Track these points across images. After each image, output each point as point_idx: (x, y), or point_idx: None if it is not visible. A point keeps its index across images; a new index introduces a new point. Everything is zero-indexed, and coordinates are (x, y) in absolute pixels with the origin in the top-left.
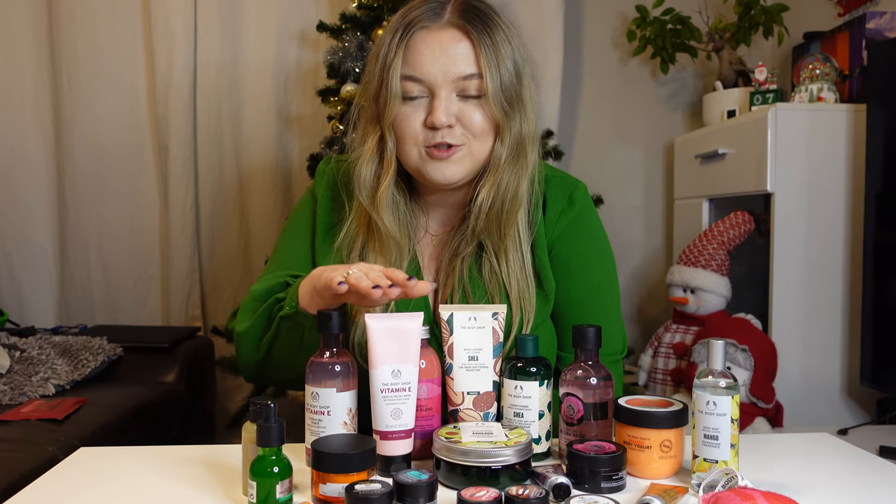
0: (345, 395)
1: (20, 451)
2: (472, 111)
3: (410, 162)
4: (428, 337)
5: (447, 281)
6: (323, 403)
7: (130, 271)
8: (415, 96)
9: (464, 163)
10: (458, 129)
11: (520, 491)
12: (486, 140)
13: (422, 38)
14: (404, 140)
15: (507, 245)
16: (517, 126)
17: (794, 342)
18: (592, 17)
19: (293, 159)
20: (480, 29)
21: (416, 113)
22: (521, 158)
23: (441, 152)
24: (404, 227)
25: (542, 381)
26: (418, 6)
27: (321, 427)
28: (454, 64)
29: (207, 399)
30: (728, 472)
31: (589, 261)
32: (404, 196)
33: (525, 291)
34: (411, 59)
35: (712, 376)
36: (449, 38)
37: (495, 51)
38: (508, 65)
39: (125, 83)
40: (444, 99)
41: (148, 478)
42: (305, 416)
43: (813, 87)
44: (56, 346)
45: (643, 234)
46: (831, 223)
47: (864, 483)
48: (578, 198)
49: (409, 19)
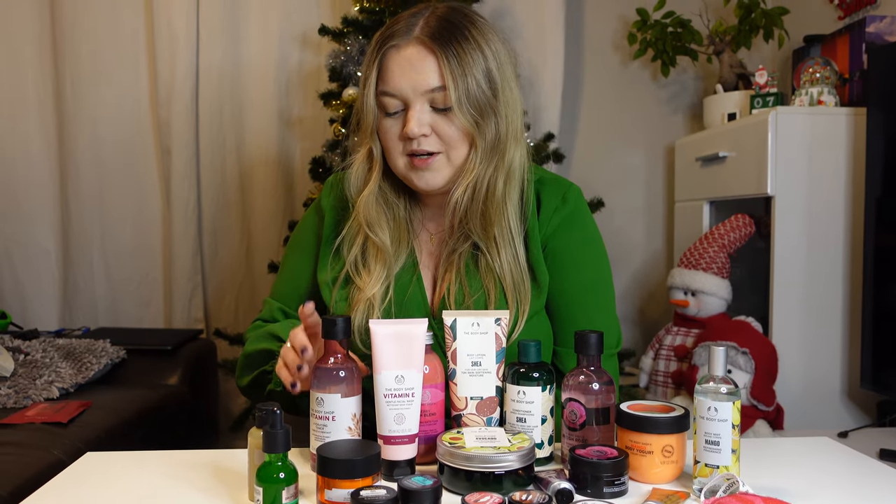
0: (349, 400)
1: (25, 454)
2: (444, 122)
3: (398, 170)
4: (432, 342)
5: (445, 276)
6: (327, 409)
7: (133, 274)
8: (394, 111)
9: (444, 170)
10: (434, 137)
11: (523, 496)
12: (461, 147)
13: (392, 55)
14: (389, 151)
15: (497, 239)
16: (492, 132)
17: (795, 345)
18: (593, 20)
19: (295, 162)
20: (445, 42)
21: (396, 126)
22: (497, 157)
23: (421, 161)
24: (403, 222)
25: (545, 386)
26: (396, 23)
27: (326, 432)
28: (421, 77)
29: (210, 401)
30: (729, 478)
31: (582, 256)
32: (404, 197)
33: (521, 285)
34: (385, 76)
35: (713, 382)
36: (416, 54)
37: (460, 62)
38: (476, 73)
39: (127, 86)
40: (417, 111)
41: (155, 482)
42: (310, 421)
43: (813, 90)
44: (59, 349)
45: (644, 236)
46: (831, 226)
47: (864, 487)
48: (572, 197)
49: (383, 37)
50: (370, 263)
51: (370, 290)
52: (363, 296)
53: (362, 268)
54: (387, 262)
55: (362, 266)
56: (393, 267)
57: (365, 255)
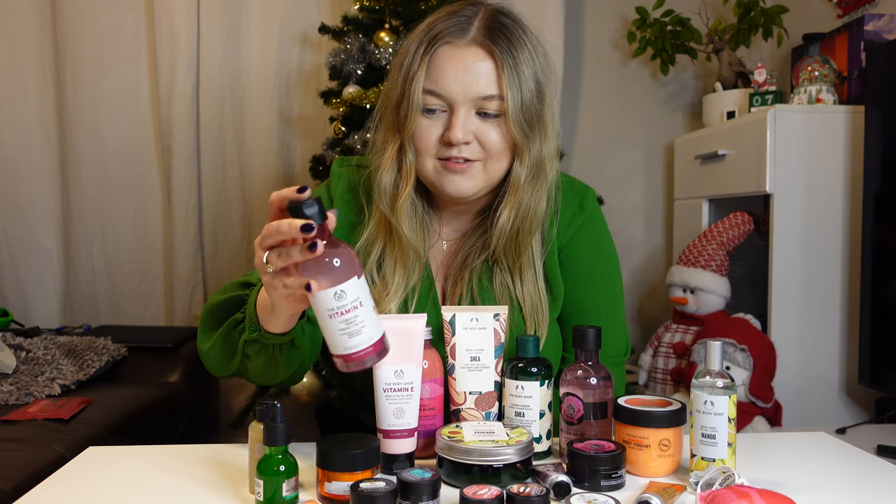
0: (363, 279)
1: (27, 450)
2: (490, 130)
3: (426, 173)
4: (431, 338)
5: (454, 289)
6: (352, 298)
7: (134, 272)
8: (434, 109)
9: (478, 178)
10: (475, 145)
11: (521, 489)
12: (502, 159)
13: (445, 53)
14: (420, 152)
15: (522, 262)
16: (537, 147)
17: (793, 342)
18: (593, 18)
19: (295, 160)
20: (504, 49)
21: (435, 126)
22: (541, 178)
23: (457, 165)
24: (421, 232)
25: (543, 381)
26: (445, 18)
27: (359, 324)
28: (476, 83)
29: (211, 398)
30: (725, 471)
31: (595, 265)
32: (422, 202)
33: (538, 307)
34: (434, 74)
35: (710, 376)
36: (472, 56)
37: (517, 71)
38: (531, 85)
39: (129, 85)
40: (462, 116)
41: (156, 477)
42: (329, 325)
43: (812, 88)
44: (61, 347)
45: (643, 234)
46: (830, 224)
47: (861, 482)
48: (588, 204)
49: (434, 32)
50: (386, 274)
51: (387, 304)
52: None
53: (377, 278)
54: (405, 273)
55: (377, 275)
56: (410, 279)
57: (381, 265)
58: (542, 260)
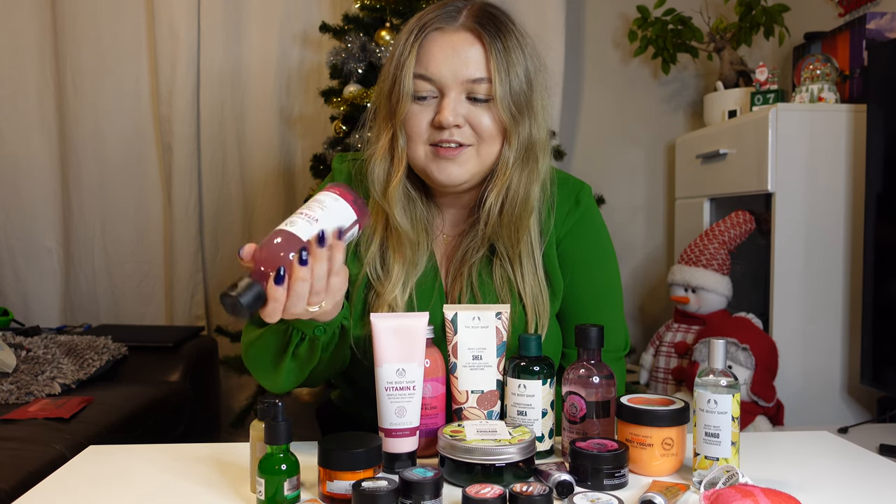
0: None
1: (28, 449)
2: (481, 113)
3: (417, 160)
4: (433, 336)
5: (454, 284)
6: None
7: (134, 271)
8: (424, 96)
9: (470, 164)
10: (468, 129)
11: (523, 488)
12: (493, 143)
13: (435, 38)
14: (412, 138)
15: (521, 251)
16: (526, 131)
17: (795, 341)
18: (594, 17)
19: (296, 159)
20: (493, 34)
21: (425, 112)
22: (532, 164)
23: (449, 151)
24: (421, 223)
25: (546, 380)
26: (435, 10)
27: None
28: (465, 66)
29: (212, 398)
30: (729, 470)
31: (593, 260)
32: (420, 194)
33: (539, 297)
34: (424, 59)
35: (713, 375)
36: (462, 40)
37: (506, 56)
38: (519, 71)
39: (129, 84)
40: (452, 99)
41: (157, 475)
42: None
43: (813, 87)
44: (61, 346)
45: (644, 233)
46: (832, 223)
47: (863, 481)
48: (584, 198)
49: (424, 21)
50: (389, 264)
51: (390, 295)
52: (383, 301)
53: (381, 269)
54: (406, 263)
55: (381, 267)
56: (413, 271)
57: (384, 256)
58: (542, 251)
